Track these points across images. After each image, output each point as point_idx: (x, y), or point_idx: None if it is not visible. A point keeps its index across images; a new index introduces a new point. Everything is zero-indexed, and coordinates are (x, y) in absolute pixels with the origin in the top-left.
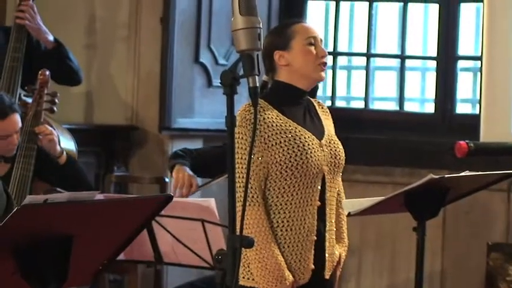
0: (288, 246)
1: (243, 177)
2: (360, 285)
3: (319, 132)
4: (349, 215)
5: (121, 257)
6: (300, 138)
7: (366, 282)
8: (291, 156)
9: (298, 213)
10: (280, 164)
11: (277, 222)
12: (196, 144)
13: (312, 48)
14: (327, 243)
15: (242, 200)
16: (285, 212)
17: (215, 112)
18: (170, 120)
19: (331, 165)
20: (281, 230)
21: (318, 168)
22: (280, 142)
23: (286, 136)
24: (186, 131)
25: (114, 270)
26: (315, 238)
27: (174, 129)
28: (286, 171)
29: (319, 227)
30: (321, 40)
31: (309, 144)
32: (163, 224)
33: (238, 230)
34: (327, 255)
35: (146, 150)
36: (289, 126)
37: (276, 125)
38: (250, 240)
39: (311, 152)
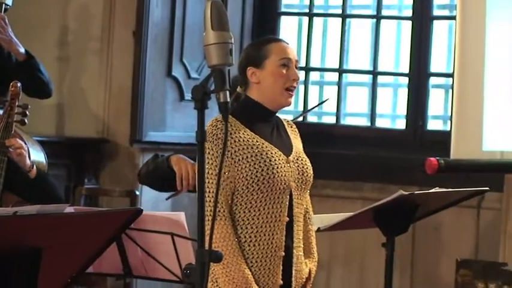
0: (256, 262)
1: (212, 191)
2: None
3: (286, 149)
4: (318, 230)
5: (90, 269)
6: (266, 153)
7: None
8: (257, 171)
9: (266, 228)
10: (247, 179)
11: (245, 237)
12: None
13: (285, 70)
14: (294, 259)
15: (209, 214)
16: (252, 227)
17: (187, 126)
18: (141, 133)
19: (298, 181)
20: (248, 245)
21: (284, 184)
22: (247, 157)
23: (253, 151)
24: (157, 144)
25: (83, 283)
26: (283, 254)
27: (145, 142)
28: (252, 186)
29: (287, 243)
30: (296, 61)
31: (275, 160)
32: (133, 237)
33: (207, 244)
34: (294, 271)
35: (117, 163)
36: (256, 141)
37: (243, 140)
38: (218, 254)
39: (277, 168)
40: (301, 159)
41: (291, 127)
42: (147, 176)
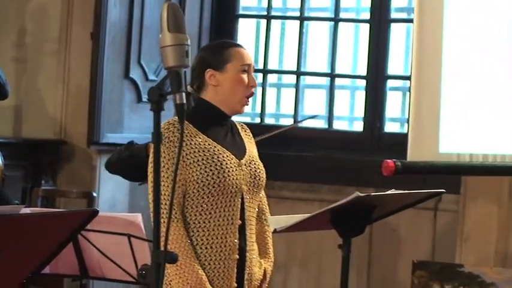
0: (209, 264)
1: (167, 194)
2: None
3: (239, 152)
4: (275, 231)
5: (46, 270)
6: (218, 157)
7: None
8: (208, 175)
9: (218, 231)
10: (198, 183)
11: (197, 240)
12: None
13: (245, 76)
14: (247, 263)
15: (164, 216)
16: (204, 231)
17: (144, 127)
18: (99, 135)
19: (250, 185)
20: (200, 248)
21: (236, 187)
22: (198, 160)
23: (205, 155)
24: (114, 145)
25: (39, 283)
26: (237, 257)
27: (103, 144)
28: (203, 190)
29: (241, 246)
30: (253, 67)
31: (227, 163)
32: (89, 238)
33: (162, 246)
34: (246, 275)
35: (74, 164)
36: (208, 144)
37: (195, 143)
38: (173, 255)
39: (229, 171)
40: (254, 163)
41: (245, 131)
42: (120, 163)
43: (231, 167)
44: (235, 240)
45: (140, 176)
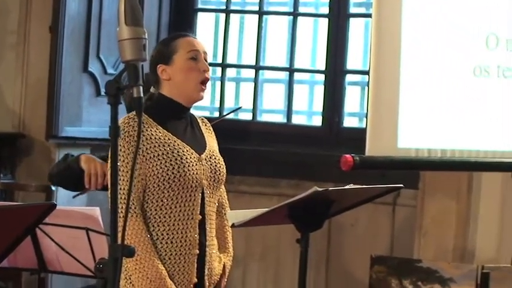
0: (169, 259)
1: (125, 188)
2: None
3: (199, 147)
4: (233, 226)
5: (5, 264)
6: (178, 151)
7: None
8: (168, 169)
9: (179, 226)
10: (158, 177)
11: (157, 234)
12: (84, 153)
13: (194, 63)
14: (207, 258)
15: (122, 211)
16: (164, 225)
17: (103, 121)
18: (58, 128)
19: (210, 179)
20: (161, 243)
21: (196, 182)
22: (158, 155)
23: (165, 149)
24: (73, 139)
25: None
26: (197, 252)
27: (62, 137)
28: (163, 184)
29: (201, 241)
30: (205, 53)
31: (187, 158)
32: (47, 232)
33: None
34: (206, 270)
35: (33, 158)
36: (168, 139)
37: (155, 138)
38: (131, 249)
39: (189, 166)
40: (214, 158)
41: (206, 125)
42: (59, 175)
43: (191, 162)
44: (196, 235)
45: (80, 186)
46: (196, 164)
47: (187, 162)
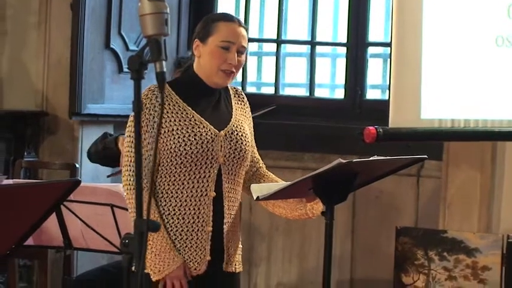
0: (180, 235)
1: (148, 159)
2: (270, 271)
3: (221, 123)
4: (257, 199)
5: (30, 242)
6: (193, 127)
7: (275, 267)
8: (180, 145)
9: (191, 202)
10: (170, 152)
11: (169, 210)
12: (107, 130)
13: (224, 52)
14: (224, 235)
15: (130, 184)
16: (176, 200)
17: (126, 98)
18: (80, 106)
19: (229, 156)
20: (172, 218)
21: (211, 159)
22: (173, 130)
23: (180, 124)
24: (96, 116)
25: (23, 255)
26: (211, 229)
27: (84, 114)
28: (175, 159)
29: (215, 218)
30: (243, 47)
31: (201, 134)
32: (72, 209)
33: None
34: (225, 247)
35: (56, 136)
36: (186, 114)
37: (172, 112)
38: (156, 224)
39: (203, 143)
40: (237, 134)
41: (238, 96)
42: (97, 155)
43: (207, 139)
44: (209, 213)
45: (115, 164)
46: (213, 141)
47: (201, 138)
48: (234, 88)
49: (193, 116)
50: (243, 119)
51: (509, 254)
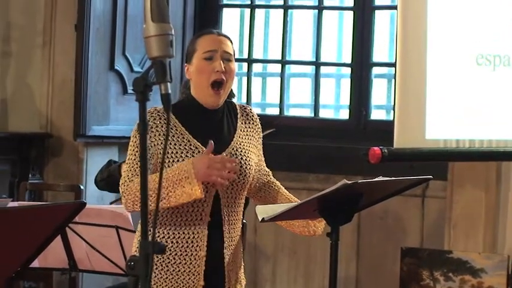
0: (174, 258)
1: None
2: None
3: (221, 146)
4: (262, 220)
5: (35, 264)
6: (188, 152)
7: None
8: None
9: (185, 227)
10: None
11: (163, 232)
12: (112, 152)
13: (207, 63)
14: (226, 259)
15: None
16: (170, 224)
17: (130, 119)
18: (85, 127)
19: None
20: (166, 241)
21: (207, 184)
22: (172, 152)
23: (175, 148)
24: (101, 138)
25: (29, 277)
26: (205, 254)
27: (89, 136)
28: None
29: (214, 243)
30: (226, 53)
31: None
32: (77, 231)
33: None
34: (226, 272)
35: (61, 158)
36: (183, 138)
37: (170, 136)
38: (161, 245)
39: None
40: (237, 157)
41: (247, 115)
42: (103, 182)
43: None
44: (204, 238)
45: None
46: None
47: None
48: (243, 107)
49: (189, 141)
50: (247, 139)
51: None
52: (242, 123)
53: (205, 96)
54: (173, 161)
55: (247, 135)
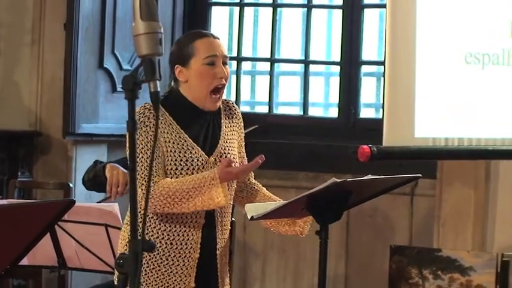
0: (167, 260)
1: (145, 174)
2: None
3: (211, 147)
4: (252, 218)
5: (24, 262)
6: (185, 152)
7: (270, 286)
8: (172, 169)
9: (180, 228)
10: (166, 173)
11: (157, 233)
12: (101, 150)
13: (210, 68)
14: (218, 260)
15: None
16: (165, 225)
17: (119, 117)
18: (74, 125)
19: None
20: (160, 242)
21: None
22: (170, 151)
23: (173, 147)
24: (90, 136)
25: (18, 275)
26: (198, 256)
27: (78, 134)
28: None
29: (207, 244)
30: (225, 57)
31: (193, 160)
32: (66, 229)
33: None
34: (219, 273)
35: (50, 155)
36: (180, 137)
37: (167, 133)
38: (151, 243)
39: (194, 169)
40: (225, 156)
41: (230, 110)
42: (89, 182)
43: (197, 165)
44: (198, 239)
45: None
46: (203, 168)
47: (192, 164)
48: (225, 101)
49: (185, 141)
50: (231, 135)
51: (504, 272)
52: (225, 118)
53: (204, 101)
54: (171, 159)
55: (230, 131)
